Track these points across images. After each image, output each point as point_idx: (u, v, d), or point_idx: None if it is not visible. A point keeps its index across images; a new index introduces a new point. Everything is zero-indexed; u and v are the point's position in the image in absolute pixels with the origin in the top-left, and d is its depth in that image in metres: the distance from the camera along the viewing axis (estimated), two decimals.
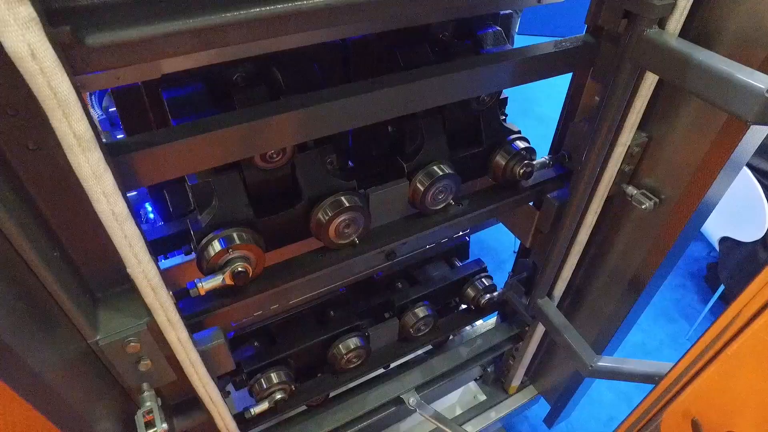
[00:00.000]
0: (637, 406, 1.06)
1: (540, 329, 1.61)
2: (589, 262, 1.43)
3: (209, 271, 0.91)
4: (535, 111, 4.46)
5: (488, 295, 1.59)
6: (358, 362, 1.46)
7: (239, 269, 0.91)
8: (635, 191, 1.18)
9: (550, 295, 1.46)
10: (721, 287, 2.77)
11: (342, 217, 1.01)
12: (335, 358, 1.40)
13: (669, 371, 0.92)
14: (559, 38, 1.05)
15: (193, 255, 0.98)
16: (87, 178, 0.49)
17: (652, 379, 1.26)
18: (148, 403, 0.72)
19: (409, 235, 1.13)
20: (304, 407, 1.55)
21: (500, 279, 1.65)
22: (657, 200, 1.16)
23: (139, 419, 0.70)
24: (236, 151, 0.76)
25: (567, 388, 1.85)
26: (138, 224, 0.57)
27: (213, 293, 0.96)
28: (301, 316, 1.46)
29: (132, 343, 0.67)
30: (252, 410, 1.28)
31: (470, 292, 1.60)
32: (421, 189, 1.10)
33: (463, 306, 1.71)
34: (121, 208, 0.53)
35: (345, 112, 0.84)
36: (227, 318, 1.01)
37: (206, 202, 0.94)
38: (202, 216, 0.95)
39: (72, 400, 0.63)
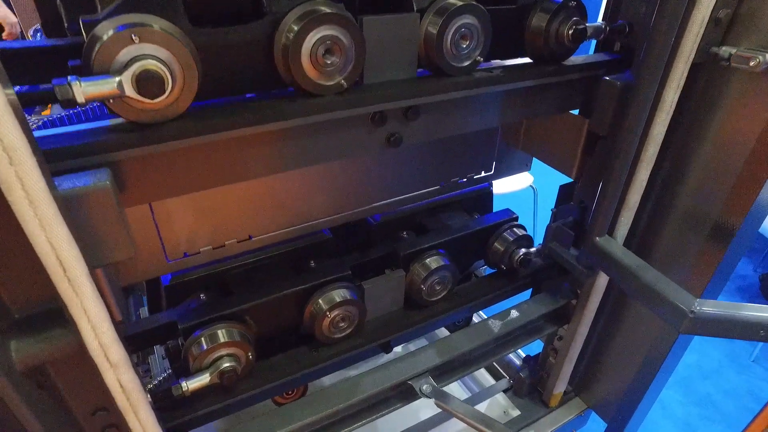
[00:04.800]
0: None
1: (595, 296, 1.19)
2: (664, 180, 1.05)
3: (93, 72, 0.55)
4: None
5: (523, 250, 1.20)
6: (348, 328, 1.03)
7: (147, 70, 0.55)
8: (733, 50, 0.86)
9: (611, 235, 1.07)
10: None
11: (319, 33, 0.67)
12: (314, 320, 0.98)
13: None
14: None
15: None
16: None
17: None
18: None
19: (416, 95, 0.78)
20: (270, 402, 1.09)
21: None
22: None
23: None
24: None
25: (628, 398, 1.38)
26: None
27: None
28: (270, 264, 1.06)
29: None
30: (184, 385, 0.85)
31: (498, 246, 1.21)
32: (434, 32, 0.77)
33: (490, 272, 1.31)
34: None
35: None
36: (124, 170, 0.63)
37: None
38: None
39: None
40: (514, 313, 1.18)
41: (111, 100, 0.56)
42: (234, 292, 0.99)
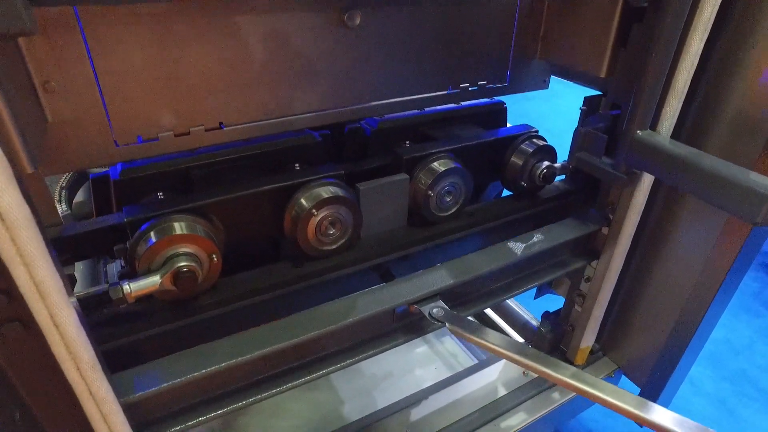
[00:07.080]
0: None
1: (632, 218, 1.01)
2: (721, 56, 0.88)
3: None
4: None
5: (546, 163, 1.02)
6: (339, 239, 0.84)
7: None
8: None
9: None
10: None
11: None
12: (296, 224, 0.79)
13: None
14: None
15: None
16: None
17: None
18: None
19: None
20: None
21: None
22: None
23: None
24: None
25: (665, 356, 1.19)
26: None
27: None
28: (246, 164, 0.88)
29: None
30: (127, 287, 0.66)
31: (516, 160, 1.03)
32: None
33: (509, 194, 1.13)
34: None
35: None
36: None
37: None
38: None
39: None
40: (537, 236, 0.99)
41: None
42: (197, 189, 0.81)
